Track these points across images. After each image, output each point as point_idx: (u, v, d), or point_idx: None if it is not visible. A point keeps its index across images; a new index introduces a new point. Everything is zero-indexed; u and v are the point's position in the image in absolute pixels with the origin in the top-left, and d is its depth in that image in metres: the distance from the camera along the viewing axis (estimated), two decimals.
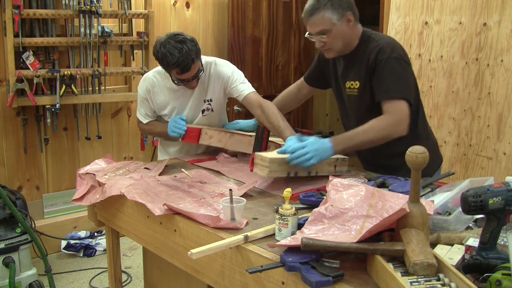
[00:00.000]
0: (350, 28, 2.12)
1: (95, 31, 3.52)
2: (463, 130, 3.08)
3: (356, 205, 1.47)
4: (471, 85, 3.05)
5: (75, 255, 3.60)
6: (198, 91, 2.48)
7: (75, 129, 3.72)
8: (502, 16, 2.91)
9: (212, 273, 1.61)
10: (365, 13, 5.87)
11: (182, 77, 2.32)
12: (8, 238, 2.76)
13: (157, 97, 2.49)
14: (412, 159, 1.28)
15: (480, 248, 1.29)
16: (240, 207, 1.62)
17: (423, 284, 1.15)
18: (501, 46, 2.91)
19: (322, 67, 2.42)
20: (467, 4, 3.06)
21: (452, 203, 1.60)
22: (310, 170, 2.04)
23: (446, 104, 3.17)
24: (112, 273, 2.37)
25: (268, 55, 4.31)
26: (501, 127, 2.92)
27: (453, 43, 3.13)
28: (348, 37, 2.14)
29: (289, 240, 1.40)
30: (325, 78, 2.42)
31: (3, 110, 3.42)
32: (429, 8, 3.25)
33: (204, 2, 4.27)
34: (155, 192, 1.92)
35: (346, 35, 2.12)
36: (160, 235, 1.83)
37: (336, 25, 2.07)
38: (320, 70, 2.44)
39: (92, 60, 3.58)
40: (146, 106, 2.54)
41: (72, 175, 3.64)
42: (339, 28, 2.08)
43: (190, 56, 2.23)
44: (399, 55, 2.08)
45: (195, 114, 2.52)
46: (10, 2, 3.18)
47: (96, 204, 2.24)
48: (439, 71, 3.20)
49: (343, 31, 2.10)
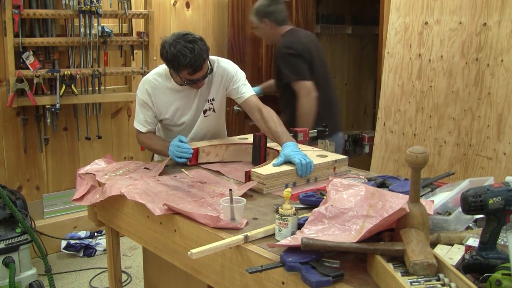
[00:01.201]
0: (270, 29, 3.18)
1: (95, 31, 3.52)
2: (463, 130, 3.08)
3: (356, 205, 1.47)
4: (471, 85, 3.05)
5: (75, 255, 3.60)
6: (202, 91, 2.44)
7: (75, 129, 3.72)
8: (502, 16, 2.91)
9: (212, 273, 1.61)
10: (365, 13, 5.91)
11: (193, 77, 2.27)
12: (8, 238, 2.75)
13: (159, 99, 2.42)
14: (412, 159, 1.28)
15: (480, 248, 1.29)
16: (240, 207, 1.62)
17: (423, 284, 1.15)
18: (501, 46, 2.91)
19: None
20: (467, 4, 3.06)
21: (452, 203, 1.60)
22: (308, 178, 2.05)
23: (446, 104, 3.17)
24: (112, 273, 2.37)
25: (268, 55, 4.31)
26: (501, 127, 2.92)
27: (453, 43, 3.13)
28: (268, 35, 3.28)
29: (289, 240, 1.40)
30: None
31: (3, 110, 3.42)
32: (429, 8, 3.25)
33: (204, 2, 4.27)
34: (155, 192, 1.92)
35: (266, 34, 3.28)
36: (160, 235, 1.83)
37: (259, 26, 3.21)
38: None
39: (92, 60, 3.58)
40: (146, 111, 2.43)
41: (72, 175, 3.64)
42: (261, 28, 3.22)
43: (202, 56, 2.19)
44: (287, 47, 3.05)
45: (197, 114, 2.49)
46: (10, 2, 3.17)
47: (96, 204, 2.24)
48: (439, 71, 3.20)
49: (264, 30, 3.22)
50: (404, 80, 3.38)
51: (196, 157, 2.35)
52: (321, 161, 2.12)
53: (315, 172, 2.06)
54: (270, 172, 1.95)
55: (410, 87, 3.35)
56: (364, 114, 6.14)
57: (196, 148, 2.34)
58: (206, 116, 2.50)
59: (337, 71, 5.72)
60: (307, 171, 2.01)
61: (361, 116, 6.12)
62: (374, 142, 3.58)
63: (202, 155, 2.36)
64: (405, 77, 3.37)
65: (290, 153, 2.04)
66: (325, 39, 5.49)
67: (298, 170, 1.99)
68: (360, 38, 5.86)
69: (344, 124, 5.92)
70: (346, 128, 5.92)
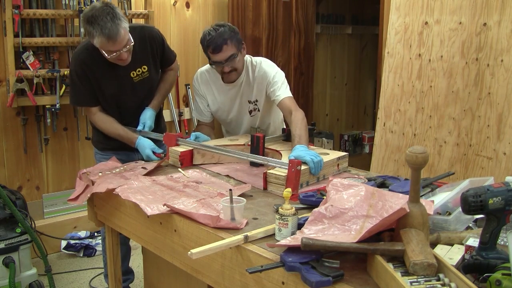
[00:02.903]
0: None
1: None
2: (463, 130, 3.08)
3: (356, 205, 1.47)
4: (471, 85, 3.05)
5: (75, 255, 3.60)
6: (244, 92, 2.57)
7: (75, 129, 3.72)
8: (502, 16, 2.91)
9: (212, 273, 1.61)
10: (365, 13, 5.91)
11: (215, 58, 2.42)
12: (8, 238, 2.75)
13: (209, 92, 2.63)
14: (412, 159, 1.28)
15: (480, 248, 1.29)
16: (240, 207, 1.62)
17: (423, 284, 1.15)
18: (501, 46, 2.91)
19: None
20: (467, 4, 3.05)
21: (452, 203, 1.60)
22: (318, 176, 2.06)
23: (446, 104, 3.16)
24: (112, 273, 2.37)
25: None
26: (501, 127, 2.92)
27: (453, 43, 3.12)
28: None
29: (289, 240, 1.40)
30: None
31: (3, 110, 3.42)
32: (429, 8, 3.25)
33: (204, 2, 4.27)
34: (149, 191, 1.92)
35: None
36: (160, 235, 1.83)
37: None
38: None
39: None
40: (202, 102, 2.66)
41: (72, 175, 3.64)
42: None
43: (222, 36, 2.36)
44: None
45: (242, 113, 2.63)
46: (10, 2, 3.18)
47: (96, 204, 2.24)
48: (439, 71, 3.19)
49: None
50: (404, 80, 3.38)
51: (190, 159, 2.35)
52: (326, 159, 2.13)
53: (323, 169, 2.07)
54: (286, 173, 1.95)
55: (410, 87, 3.35)
56: (364, 114, 6.14)
57: (190, 150, 2.34)
58: (252, 115, 2.64)
59: (337, 71, 5.72)
60: (319, 168, 2.03)
61: (361, 116, 6.12)
62: (374, 142, 3.58)
63: (197, 157, 2.36)
64: (405, 77, 3.37)
65: (300, 153, 2.04)
66: (325, 39, 5.49)
67: (311, 168, 2.00)
68: (360, 38, 5.86)
69: (344, 124, 5.93)
70: (346, 128, 5.92)
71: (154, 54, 2.56)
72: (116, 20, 2.21)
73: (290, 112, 2.40)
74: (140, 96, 2.57)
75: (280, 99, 2.46)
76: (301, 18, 4.57)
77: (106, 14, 2.20)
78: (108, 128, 2.53)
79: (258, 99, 2.59)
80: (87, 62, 2.41)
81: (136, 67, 2.48)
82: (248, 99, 2.59)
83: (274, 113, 2.73)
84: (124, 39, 2.27)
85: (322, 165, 2.04)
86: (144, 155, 2.45)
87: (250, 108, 2.61)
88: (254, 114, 2.64)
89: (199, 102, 2.67)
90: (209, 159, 2.38)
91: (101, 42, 2.23)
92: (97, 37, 2.21)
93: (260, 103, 2.60)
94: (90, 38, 2.27)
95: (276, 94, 2.47)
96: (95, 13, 2.20)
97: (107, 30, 2.19)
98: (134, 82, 2.51)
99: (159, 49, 2.59)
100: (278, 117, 2.77)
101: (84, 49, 2.43)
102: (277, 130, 2.75)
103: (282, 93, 2.47)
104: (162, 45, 2.61)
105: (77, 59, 2.44)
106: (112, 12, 2.22)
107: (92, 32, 2.22)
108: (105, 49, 2.28)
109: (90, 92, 2.47)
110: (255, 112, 2.63)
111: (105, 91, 2.47)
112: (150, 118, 2.58)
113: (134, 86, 2.52)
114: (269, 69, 2.53)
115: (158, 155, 2.44)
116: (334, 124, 5.77)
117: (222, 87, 2.59)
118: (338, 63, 5.70)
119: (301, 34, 4.59)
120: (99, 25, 2.18)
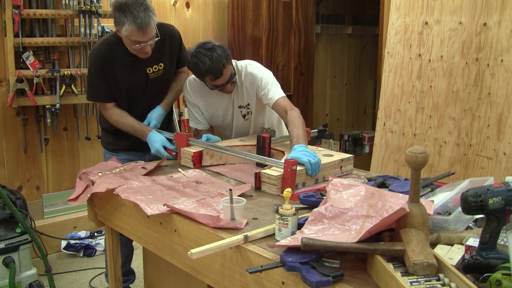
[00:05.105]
0: None
1: (95, 31, 3.52)
2: (463, 130, 3.08)
3: (356, 205, 1.47)
4: (471, 85, 3.05)
5: (75, 255, 3.60)
6: (235, 97, 2.54)
7: (75, 129, 3.72)
8: (502, 16, 2.91)
9: (212, 273, 1.61)
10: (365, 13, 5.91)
11: (216, 83, 2.38)
12: (8, 238, 2.75)
13: (199, 101, 2.58)
14: (412, 159, 1.28)
15: (480, 248, 1.29)
16: (240, 207, 1.62)
17: (423, 284, 1.15)
18: (501, 46, 2.91)
19: None
20: (467, 4, 3.05)
21: (452, 203, 1.60)
22: (317, 177, 2.04)
23: (446, 104, 3.16)
24: (112, 273, 2.37)
25: (268, 55, 4.31)
26: (501, 127, 2.91)
27: (453, 43, 3.12)
28: None
29: (289, 240, 1.40)
30: None
31: (3, 110, 3.42)
32: (429, 8, 3.25)
33: (204, 2, 4.27)
34: (149, 191, 1.92)
35: None
36: (160, 235, 1.83)
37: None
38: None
39: None
40: (196, 110, 2.60)
41: (72, 175, 3.64)
42: None
43: (220, 61, 2.29)
44: None
45: (237, 117, 2.60)
46: (10, 2, 3.18)
47: (96, 204, 2.24)
48: (439, 71, 3.19)
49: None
50: (404, 80, 3.38)
51: (200, 160, 2.34)
52: (328, 160, 2.11)
53: (323, 171, 2.05)
54: (280, 173, 1.94)
55: (410, 87, 3.34)
56: (364, 114, 6.14)
57: (199, 151, 2.33)
58: (246, 119, 2.61)
59: (337, 71, 5.72)
60: (317, 169, 2.01)
61: (361, 116, 6.12)
62: (374, 142, 3.58)
63: (206, 158, 2.35)
64: (405, 77, 3.37)
65: (297, 154, 2.03)
66: (325, 39, 5.49)
67: (308, 169, 1.98)
68: (360, 38, 5.86)
69: (344, 124, 5.93)
70: (346, 128, 5.92)
71: (172, 52, 2.56)
72: (148, 12, 2.24)
73: (285, 111, 2.38)
74: (152, 93, 2.57)
75: (273, 101, 2.42)
76: (301, 18, 4.57)
77: (140, 4, 2.22)
78: (123, 120, 2.53)
79: (250, 103, 2.56)
80: (107, 57, 2.42)
81: (153, 63, 2.49)
82: (239, 104, 2.56)
83: (267, 113, 2.70)
84: (152, 31, 2.30)
85: (320, 166, 2.02)
86: (153, 148, 2.44)
87: (243, 112, 2.58)
88: (248, 118, 2.61)
89: (193, 111, 2.62)
90: (217, 160, 2.37)
91: (131, 30, 2.24)
92: (128, 25, 2.22)
93: (252, 106, 2.56)
94: (119, 26, 2.27)
95: (268, 97, 2.43)
96: (128, 2, 2.22)
97: (140, 20, 2.20)
98: (149, 78, 2.51)
99: (177, 48, 2.60)
100: (272, 115, 2.73)
101: (105, 44, 2.45)
102: (276, 128, 2.73)
103: (274, 94, 2.43)
104: (179, 45, 2.62)
105: (97, 54, 2.44)
106: (145, 3, 2.24)
107: (123, 20, 2.22)
108: (132, 39, 2.28)
109: (106, 87, 2.47)
110: (249, 116, 2.60)
111: (120, 85, 2.48)
112: (156, 118, 2.57)
113: (148, 82, 2.52)
114: (256, 72, 2.48)
115: (170, 152, 2.43)
116: (334, 124, 5.77)
117: (212, 94, 2.54)
118: (338, 63, 5.70)
119: (301, 34, 4.58)
120: (132, 13, 2.20)
